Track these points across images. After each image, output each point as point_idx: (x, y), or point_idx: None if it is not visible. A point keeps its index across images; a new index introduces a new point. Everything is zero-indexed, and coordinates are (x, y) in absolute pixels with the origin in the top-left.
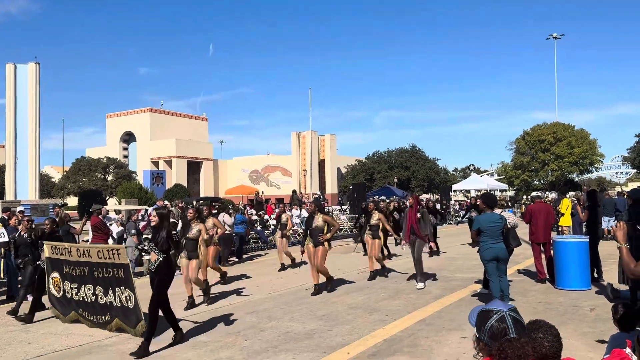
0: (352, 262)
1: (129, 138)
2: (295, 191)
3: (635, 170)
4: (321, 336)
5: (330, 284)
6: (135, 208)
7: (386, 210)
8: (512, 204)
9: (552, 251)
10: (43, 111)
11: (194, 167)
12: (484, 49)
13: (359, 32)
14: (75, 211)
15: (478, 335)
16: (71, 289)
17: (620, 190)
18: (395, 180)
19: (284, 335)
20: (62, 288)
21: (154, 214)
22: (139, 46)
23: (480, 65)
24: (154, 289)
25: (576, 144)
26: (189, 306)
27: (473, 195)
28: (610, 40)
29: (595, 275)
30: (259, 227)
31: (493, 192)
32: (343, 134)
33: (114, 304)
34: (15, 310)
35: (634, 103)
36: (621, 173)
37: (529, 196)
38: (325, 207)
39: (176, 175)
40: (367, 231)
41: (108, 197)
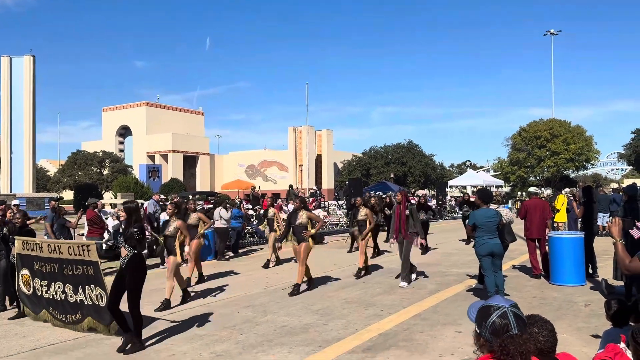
0: (348, 257)
1: (125, 132)
2: (292, 186)
3: (630, 167)
4: (317, 330)
5: (311, 284)
6: None
7: (377, 206)
8: (508, 200)
9: (547, 247)
10: (39, 104)
11: (190, 162)
12: (481, 45)
13: (356, 28)
14: (71, 205)
15: (478, 331)
16: (41, 286)
17: (617, 186)
18: (392, 175)
19: (279, 329)
20: (32, 285)
21: (121, 209)
22: (135, 40)
23: (477, 61)
24: (128, 288)
25: (572, 141)
26: (163, 306)
27: (467, 192)
28: (607, 38)
29: (590, 271)
30: (255, 222)
31: (489, 188)
32: (340, 129)
33: (85, 303)
34: None
35: (630, 100)
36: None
37: (524, 192)
38: (322, 202)
39: (172, 170)
40: (355, 227)
41: (104, 191)
